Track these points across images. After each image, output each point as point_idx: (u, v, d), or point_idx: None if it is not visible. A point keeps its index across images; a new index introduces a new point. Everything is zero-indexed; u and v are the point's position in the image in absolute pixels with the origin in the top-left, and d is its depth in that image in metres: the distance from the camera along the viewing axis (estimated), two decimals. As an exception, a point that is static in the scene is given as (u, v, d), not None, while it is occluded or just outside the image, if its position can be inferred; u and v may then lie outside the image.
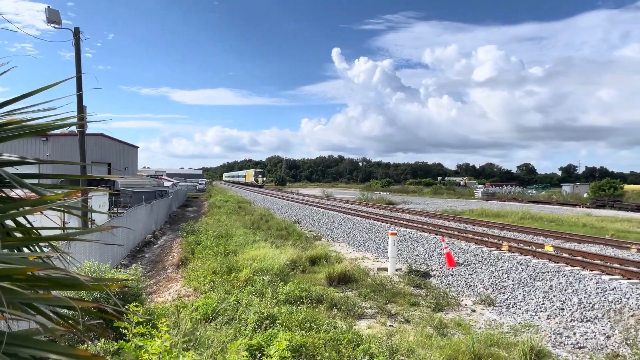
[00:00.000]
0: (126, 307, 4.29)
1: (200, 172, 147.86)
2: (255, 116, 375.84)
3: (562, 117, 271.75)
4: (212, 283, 10.67)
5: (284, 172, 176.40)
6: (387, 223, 23.83)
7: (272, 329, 6.91)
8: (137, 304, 4.33)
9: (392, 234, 13.82)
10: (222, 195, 54.11)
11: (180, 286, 12.00)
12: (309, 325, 7.33)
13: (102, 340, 4.68)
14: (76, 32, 18.20)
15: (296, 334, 6.67)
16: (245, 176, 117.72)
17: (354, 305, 9.32)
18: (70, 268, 1.81)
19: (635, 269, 11.54)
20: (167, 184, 48.70)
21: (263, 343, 6.18)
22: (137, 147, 56.43)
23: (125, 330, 4.17)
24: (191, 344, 4.80)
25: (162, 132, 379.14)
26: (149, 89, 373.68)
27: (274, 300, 8.89)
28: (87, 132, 25.44)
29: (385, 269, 13.56)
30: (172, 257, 16.96)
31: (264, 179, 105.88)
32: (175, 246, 19.25)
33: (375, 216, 27.60)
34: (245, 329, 7.10)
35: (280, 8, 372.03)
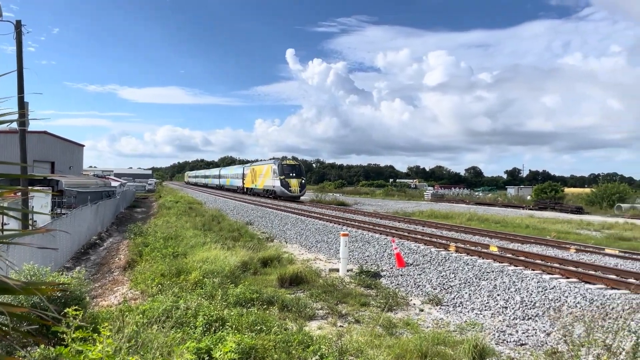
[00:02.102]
0: (64, 311, 4.12)
1: (150, 172, 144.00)
2: (208, 116, 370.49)
3: (509, 122, 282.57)
4: (160, 286, 10.40)
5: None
6: (339, 224, 24.00)
7: (222, 332, 6.81)
8: (76, 307, 4.14)
9: (344, 235, 13.92)
10: (172, 196, 52.93)
11: (126, 289, 11.65)
12: (259, 327, 7.26)
13: (42, 346, 4.48)
14: (18, 25, 17.38)
15: (246, 336, 6.59)
16: (246, 176, 60.95)
17: (305, 306, 9.32)
18: (8, 272, 1.72)
19: (574, 269, 12.11)
20: (114, 184, 47.22)
21: (212, 346, 6.08)
22: (82, 146, 54.49)
23: (65, 335, 4.00)
24: (136, 349, 4.66)
25: (110, 130, 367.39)
26: (95, 85, 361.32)
27: (224, 303, 8.76)
28: (29, 129, 24.31)
29: (337, 270, 13.65)
30: (118, 259, 16.44)
31: (303, 180, 49.24)
32: (122, 248, 18.68)
33: (328, 217, 27.74)
34: (193, 332, 6.96)
35: (233, 7, 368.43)
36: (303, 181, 48.17)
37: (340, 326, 8.57)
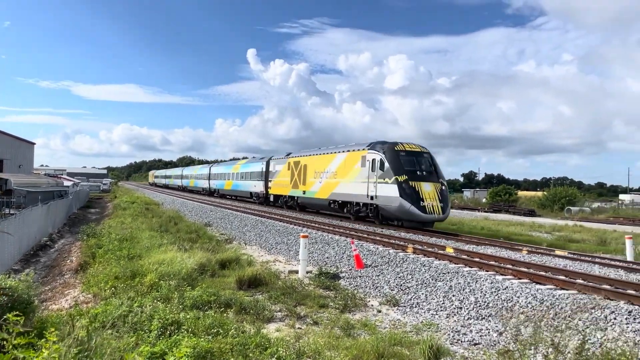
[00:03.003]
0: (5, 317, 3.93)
1: (105, 171, 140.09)
2: (167, 115, 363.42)
3: (466, 126, 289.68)
4: (113, 289, 10.13)
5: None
6: (300, 226, 23.97)
7: (177, 335, 6.69)
8: (17, 313, 3.97)
9: (304, 236, 13.93)
10: (128, 196, 51.62)
11: (78, 292, 11.29)
12: (216, 330, 7.17)
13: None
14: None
15: (202, 339, 6.50)
16: (276, 174, 37.33)
17: (264, 308, 9.27)
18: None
19: (525, 270, 12.49)
20: (67, 183, 45.73)
21: (167, 350, 5.96)
22: (33, 144, 52.57)
23: (5, 342, 3.82)
24: (85, 355, 4.51)
25: (64, 128, 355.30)
26: (48, 81, 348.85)
27: (181, 306, 8.60)
28: (-25, 125, 23.22)
29: (296, 272, 13.63)
30: (70, 261, 15.90)
31: (444, 187, 22.85)
32: (74, 250, 18.08)
33: (288, 219, 27.67)
34: (148, 336, 6.81)
35: (193, 5, 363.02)
36: (444, 188, 22.94)
37: (299, 328, 8.56)
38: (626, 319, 8.36)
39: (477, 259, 14.19)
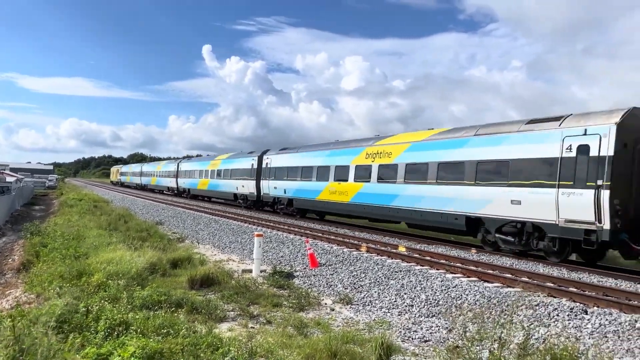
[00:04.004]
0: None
1: (51, 167, 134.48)
2: (118, 110, 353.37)
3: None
4: (58, 288, 9.73)
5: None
6: (254, 224, 23.81)
7: (125, 336, 6.51)
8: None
9: (258, 235, 13.85)
10: (75, 193, 49.83)
11: (20, 292, 10.80)
12: (166, 330, 7.02)
13: None
14: None
15: (152, 340, 6.35)
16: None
17: (216, 308, 9.16)
18: None
19: (474, 268, 12.87)
20: (9, 179, 43.59)
21: (114, 352, 5.79)
22: (-27, 137, 49.79)
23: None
24: (26, 357, 4.31)
25: (7, 121, 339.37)
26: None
27: (130, 306, 8.38)
28: None
29: (250, 271, 13.53)
30: (12, 260, 15.18)
31: None
32: (16, 248, 17.28)
33: (243, 217, 27.42)
34: (94, 337, 6.59)
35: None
36: None
37: (252, 327, 8.50)
38: (568, 315, 8.75)
39: (428, 258, 14.50)
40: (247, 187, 35.25)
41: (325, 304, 10.68)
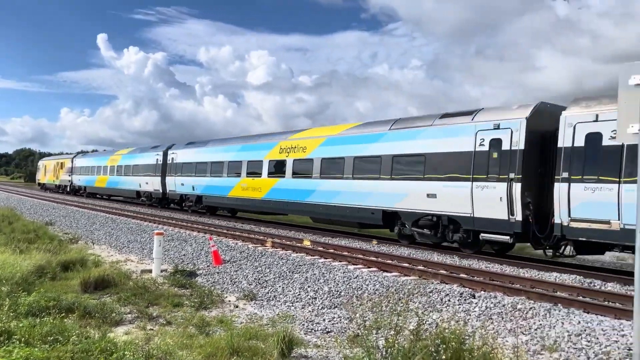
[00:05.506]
0: None
1: None
2: (2, 102, 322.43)
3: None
4: None
5: (36, 168, 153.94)
6: (155, 223, 22.94)
7: (7, 347, 6.02)
8: None
9: (159, 233, 13.39)
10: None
11: None
12: (54, 337, 6.57)
13: None
14: None
15: (37, 349, 5.92)
16: None
17: (112, 311, 8.71)
18: None
19: (374, 259, 13.38)
20: None
21: (-8, 365, 5.33)
22: None
23: None
24: None
25: None
26: None
27: (13, 314, 7.74)
28: None
29: (150, 271, 13.04)
30: None
31: None
32: None
33: (142, 216, 26.29)
34: (-30, 351, 6.01)
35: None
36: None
37: (150, 329, 8.19)
38: (458, 300, 9.39)
39: (331, 251, 14.84)
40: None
41: (229, 301, 10.56)
